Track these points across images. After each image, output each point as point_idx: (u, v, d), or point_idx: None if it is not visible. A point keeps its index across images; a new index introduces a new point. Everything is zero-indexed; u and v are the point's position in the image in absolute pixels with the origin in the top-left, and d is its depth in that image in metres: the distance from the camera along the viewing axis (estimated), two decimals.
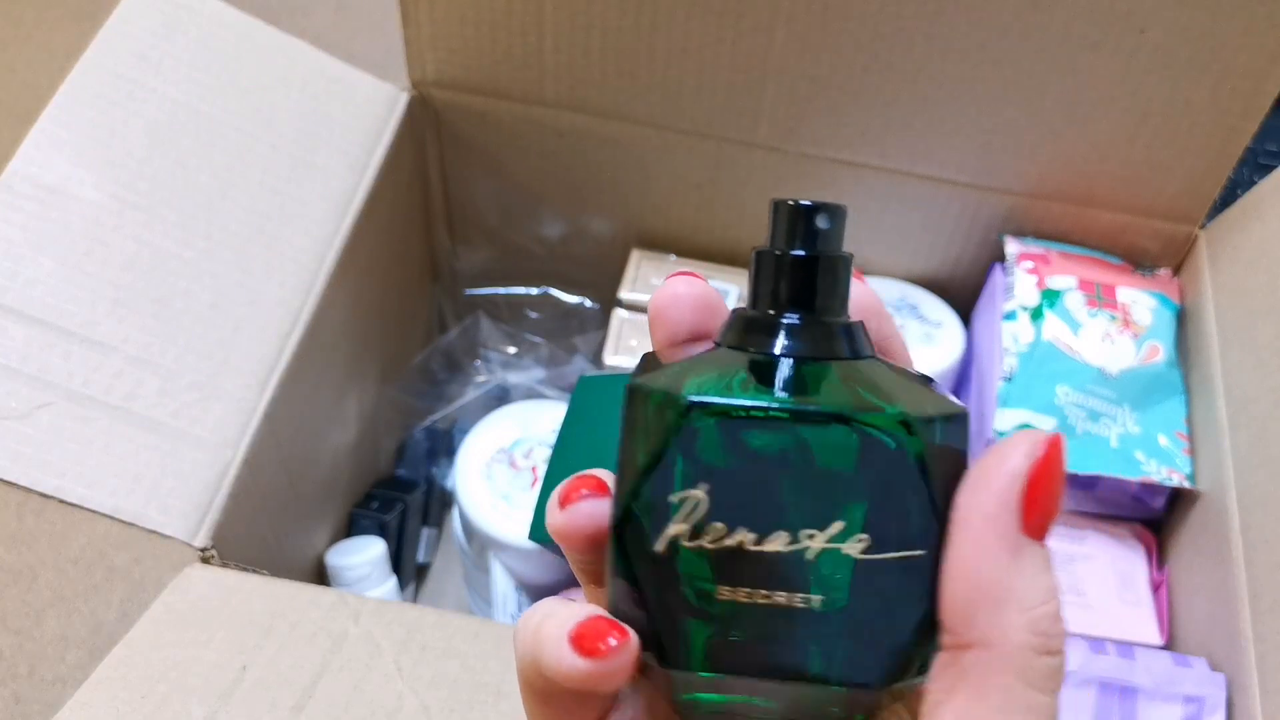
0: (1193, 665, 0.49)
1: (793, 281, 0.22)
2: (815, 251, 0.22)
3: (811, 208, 0.22)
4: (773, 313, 0.22)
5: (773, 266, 0.22)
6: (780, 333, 0.21)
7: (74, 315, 0.45)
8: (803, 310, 0.21)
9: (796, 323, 0.21)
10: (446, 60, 0.61)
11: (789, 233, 0.22)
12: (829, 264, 0.22)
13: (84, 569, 0.41)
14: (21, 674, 0.38)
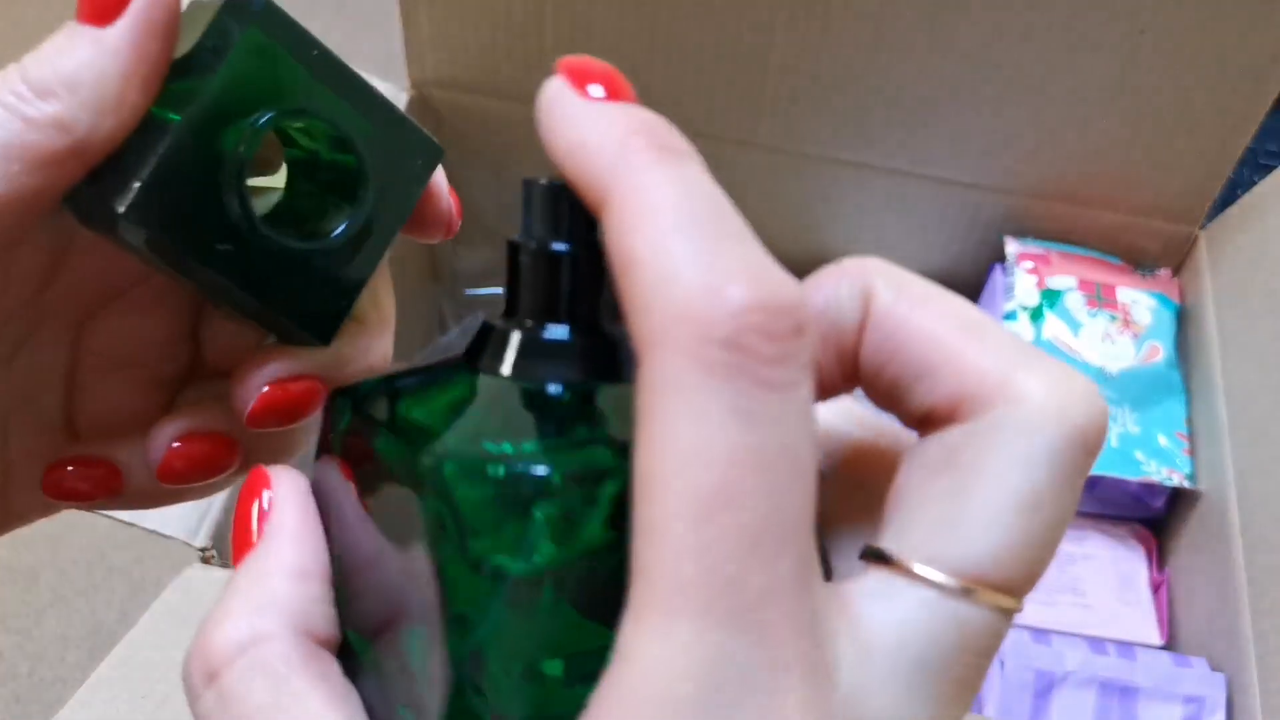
0: (1193, 665, 0.49)
1: (552, 282, 0.17)
2: (581, 243, 0.17)
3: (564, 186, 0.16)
4: (527, 322, 0.18)
5: (527, 262, 0.18)
6: (533, 350, 0.17)
7: None
8: (562, 318, 0.17)
9: (553, 338, 0.17)
10: (446, 60, 0.61)
11: (547, 219, 0.18)
12: (599, 257, 0.16)
13: (84, 569, 0.41)
14: (21, 674, 0.38)
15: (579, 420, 0.16)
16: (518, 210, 0.21)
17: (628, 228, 0.14)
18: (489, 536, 0.14)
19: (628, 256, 0.14)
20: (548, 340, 0.17)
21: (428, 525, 0.14)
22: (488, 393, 0.17)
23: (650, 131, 0.16)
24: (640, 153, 0.16)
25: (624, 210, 0.14)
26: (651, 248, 0.14)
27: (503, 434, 0.15)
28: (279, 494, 0.18)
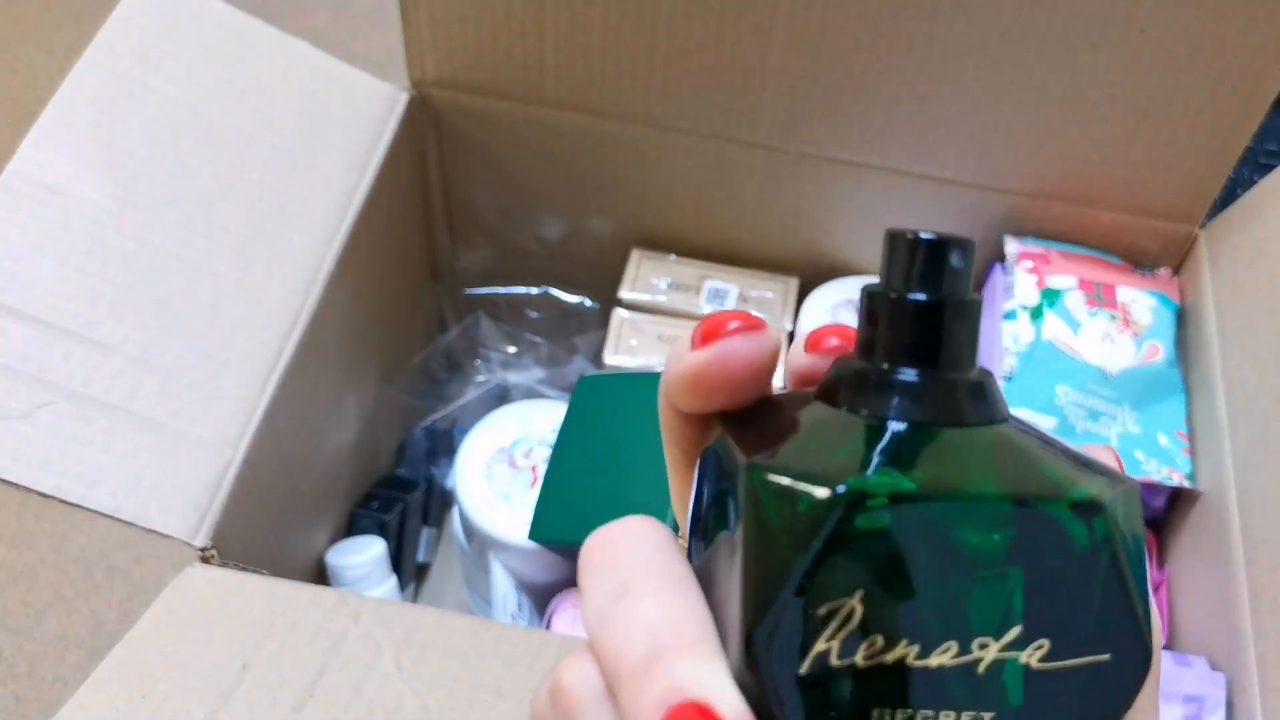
0: (1193, 665, 0.49)
1: (920, 331, 0.18)
2: (945, 295, 0.18)
3: (941, 243, 0.18)
4: (888, 367, 0.18)
5: (892, 311, 0.19)
6: (908, 393, 0.18)
7: (74, 315, 0.45)
8: (928, 365, 0.18)
9: (921, 381, 0.18)
10: (446, 60, 0.61)
11: (912, 272, 0.19)
12: (963, 309, 0.18)
13: (84, 569, 0.41)
14: (21, 674, 0.38)
15: (911, 456, 0.17)
16: (518, 210, 0.21)
17: None
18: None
19: None
20: (899, 381, 0.18)
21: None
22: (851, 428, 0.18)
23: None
24: None
25: None
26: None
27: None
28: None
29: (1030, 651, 0.16)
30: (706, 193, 0.65)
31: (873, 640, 0.16)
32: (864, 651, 0.16)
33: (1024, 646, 0.16)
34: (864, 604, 0.16)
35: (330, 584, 0.60)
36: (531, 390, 0.69)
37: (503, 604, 0.58)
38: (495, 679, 0.40)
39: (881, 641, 0.16)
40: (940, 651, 0.16)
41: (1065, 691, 0.16)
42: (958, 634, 0.16)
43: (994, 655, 0.16)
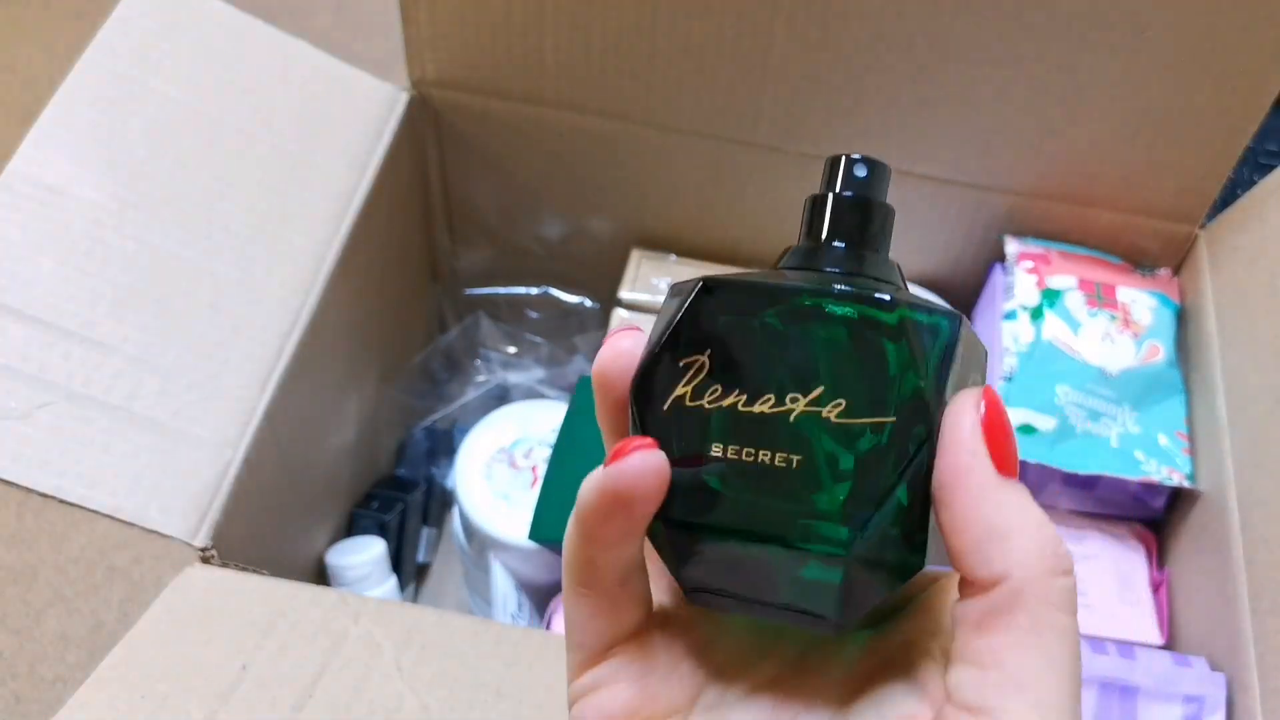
0: (1193, 665, 0.49)
1: (835, 216, 0.24)
2: (853, 193, 0.24)
3: (855, 159, 0.24)
4: (808, 243, 0.24)
5: (813, 205, 0.25)
6: (814, 255, 0.24)
7: (74, 315, 0.45)
8: (837, 240, 0.24)
9: (835, 248, 0.24)
10: (446, 60, 0.61)
11: (831, 179, 0.25)
12: (867, 205, 0.24)
13: (84, 569, 0.41)
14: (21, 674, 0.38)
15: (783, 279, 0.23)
16: (518, 210, 0.26)
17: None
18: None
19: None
20: (823, 249, 0.24)
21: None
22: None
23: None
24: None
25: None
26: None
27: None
28: None
29: (830, 408, 0.21)
30: (706, 193, 0.65)
31: (714, 388, 0.22)
32: (708, 397, 0.22)
33: (825, 404, 0.21)
34: (710, 360, 0.22)
35: (330, 584, 0.60)
36: (531, 390, 0.69)
37: (503, 604, 0.58)
38: (495, 679, 0.40)
39: (720, 389, 0.21)
40: (761, 401, 0.21)
41: (857, 444, 0.21)
42: (775, 389, 0.21)
43: (801, 409, 0.21)
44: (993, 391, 0.21)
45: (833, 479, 0.21)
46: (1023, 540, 0.20)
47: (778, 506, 0.21)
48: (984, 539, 0.20)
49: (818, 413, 0.21)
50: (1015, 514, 0.20)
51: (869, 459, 0.20)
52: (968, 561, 0.20)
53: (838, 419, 0.21)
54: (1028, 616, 0.19)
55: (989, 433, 0.20)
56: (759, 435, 0.21)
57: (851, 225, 0.24)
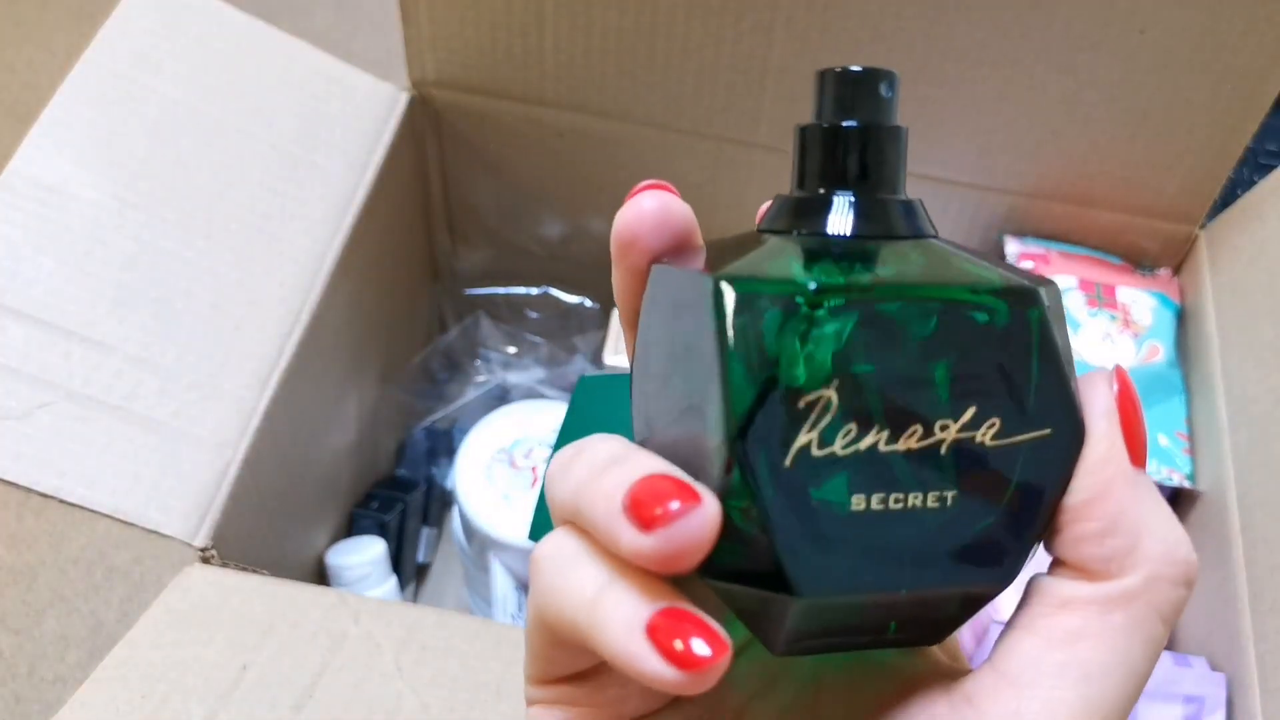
0: (1193, 665, 0.49)
1: (848, 155, 0.20)
2: (871, 120, 0.20)
3: (859, 73, 0.20)
4: (824, 191, 0.20)
5: (822, 140, 0.20)
6: (842, 211, 0.20)
7: (74, 315, 0.45)
8: (860, 186, 0.20)
9: (856, 200, 0.20)
10: (446, 60, 0.61)
11: (840, 102, 0.20)
12: (890, 133, 0.20)
13: (84, 569, 0.41)
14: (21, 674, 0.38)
15: (859, 262, 0.19)
16: (518, 210, 0.22)
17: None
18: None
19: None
20: (834, 201, 0.20)
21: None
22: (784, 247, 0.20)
23: None
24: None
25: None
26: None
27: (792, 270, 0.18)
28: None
29: (984, 430, 0.18)
30: (706, 193, 0.65)
31: (848, 429, 0.17)
32: (841, 441, 0.17)
33: (979, 426, 0.18)
34: (838, 394, 0.17)
35: (330, 584, 0.60)
36: (531, 390, 0.69)
37: (503, 604, 0.58)
38: (495, 679, 0.40)
39: (855, 429, 0.17)
40: (908, 436, 0.18)
41: (1017, 466, 0.18)
42: (921, 418, 0.18)
43: (954, 436, 0.18)
44: (1123, 371, 0.20)
45: (993, 508, 0.18)
46: (1153, 542, 0.18)
47: (935, 551, 0.18)
48: (1110, 532, 0.18)
49: (972, 438, 0.18)
50: (1148, 508, 0.18)
51: (1027, 479, 0.18)
52: (1086, 551, 0.18)
53: (994, 442, 0.18)
54: (1128, 618, 0.18)
55: (1124, 416, 0.19)
56: (909, 476, 0.18)
57: (892, 164, 0.20)
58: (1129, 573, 0.18)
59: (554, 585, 0.18)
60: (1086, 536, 0.18)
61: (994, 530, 0.18)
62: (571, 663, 0.20)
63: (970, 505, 0.18)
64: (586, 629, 0.17)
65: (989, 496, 0.18)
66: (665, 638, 0.16)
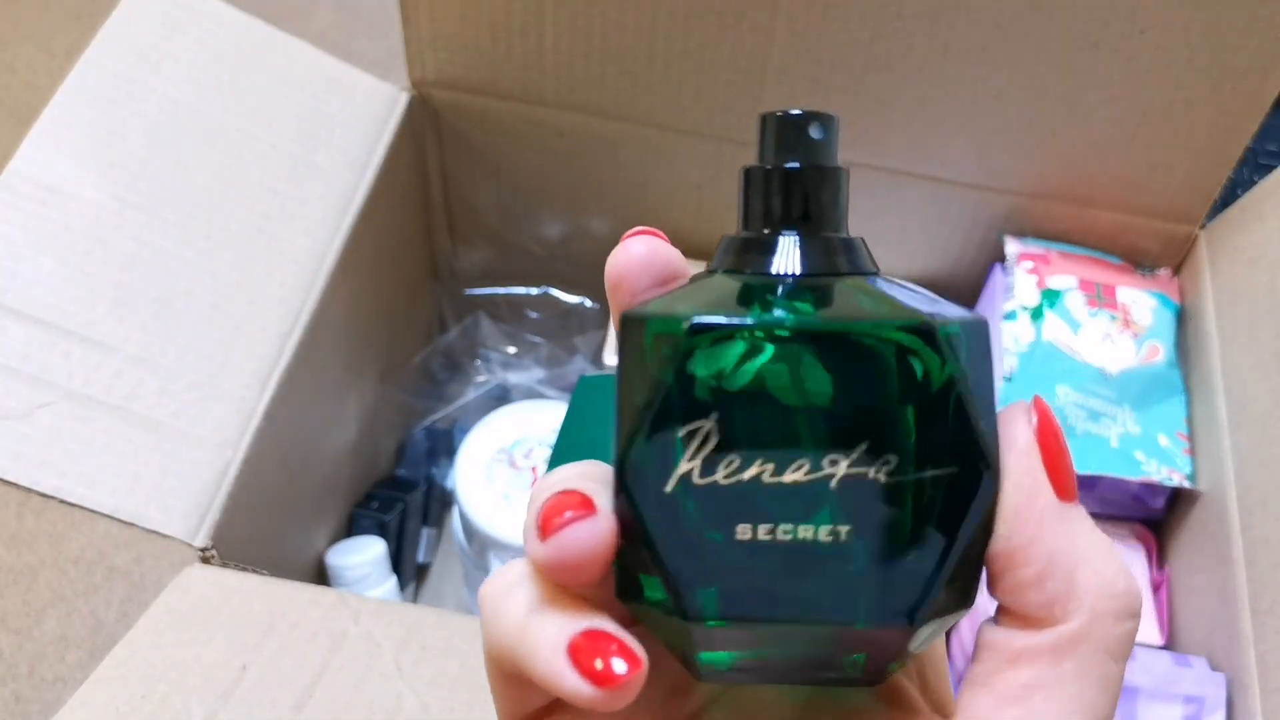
0: (1193, 665, 0.49)
1: (787, 195, 0.20)
2: (809, 162, 0.20)
3: (803, 116, 0.20)
4: (767, 231, 0.20)
5: (764, 182, 0.21)
6: (778, 250, 0.20)
7: (74, 315, 0.45)
8: (800, 226, 0.20)
9: (795, 238, 0.20)
10: (446, 60, 0.61)
11: (777, 145, 0.21)
12: (826, 175, 0.20)
13: (84, 569, 0.41)
14: (21, 674, 0.38)
15: (772, 298, 0.19)
16: (518, 210, 0.22)
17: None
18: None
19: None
20: (791, 242, 0.20)
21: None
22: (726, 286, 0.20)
23: None
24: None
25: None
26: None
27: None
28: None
29: (878, 467, 0.17)
30: (706, 193, 0.65)
31: (730, 460, 0.18)
32: (723, 471, 0.18)
33: (872, 463, 0.17)
34: (719, 426, 0.18)
35: (330, 584, 0.60)
36: (531, 390, 0.69)
37: None
38: None
39: (738, 460, 0.18)
40: (794, 469, 0.18)
41: (915, 505, 0.18)
42: (807, 452, 0.17)
43: (844, 471, 0.17)
44: (1043, 402, 0.19)
45: (892, 547, 0.18)
46: (1091, 579, 0.18)
47: (829, 586, 0.18)
48: (1046, 575, 0.18)
49: (864, 474, 0.17)
50: (1082, 546, 0.18)
51: (929, 518, 0.18)
52: (1024, 598, 0.18)
53: (889, 479, 0.17)
54: (1077, 664, 0.18)
55: (1045, 451, 0.18)
56: (795, 509, 0.18)
57: (825, 204, 0.20)
58: (1071, 616, 0.18)
59: (493, 616, 0.19)
60: (1023, 583, 0.18)
61: (893, 570, 0.18)
62: (528, 699, 0.20)
63: (866, 542, 0.18)
64: (518, 654, 0.18)
65: (887, 535, 0.18)
66: (586, 657, 0.17)
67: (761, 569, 0.18)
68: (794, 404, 0.18)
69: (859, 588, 0.18)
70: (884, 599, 0.18)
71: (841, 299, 0.19)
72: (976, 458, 0.18)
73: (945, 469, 0.18)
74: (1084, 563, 0.18)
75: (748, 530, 0.18)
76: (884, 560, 0.18)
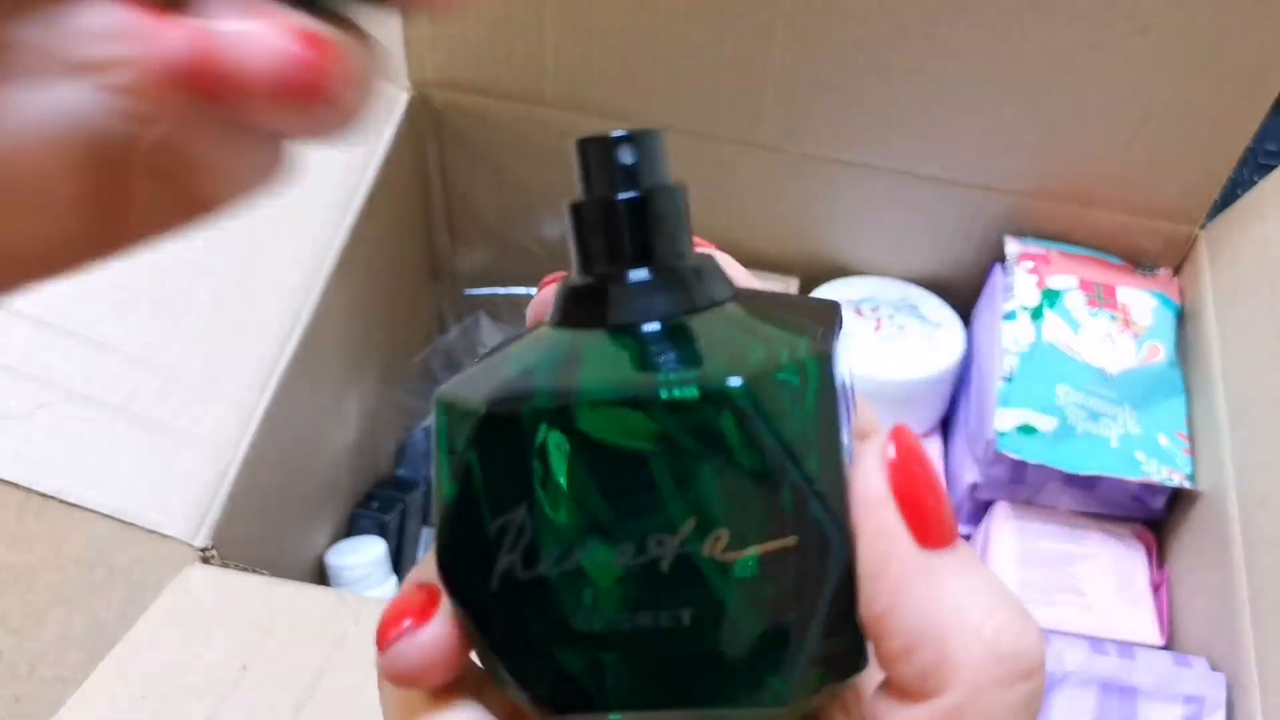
0: (1193, 665, 0.49)
1: (608, 231, 0.18)
2: (628, 190, 0.18)
3: (617, 139, 0.18)
4: (595, 272, 0.18)
5: (584, 218, 0.18)
6: (601, 299, 0.17)
7: (74, 315, 0.45)
8: (629, 263, 0.18)
9: (623, 281, 0.17)
10: (446, 60, 0.61)
11: (599, 174, 0.18)
12: (644, 201, 0.18)
13: (84, 569, 0.41)
14: (21, 674, 0.38)
15: (584, 361, 0.17)
16: (518, 210, 0.20)
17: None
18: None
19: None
20: (633, 283, 0.18)
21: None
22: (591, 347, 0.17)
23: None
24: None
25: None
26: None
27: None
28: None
29: (710, 543, 0.16)
30: (706, 193, 0.65)
31: (551, 549, 0.16)
32: (547, 561, 0.16)
33: (701, 539, 0.16)
34: (532, 515, 0.16)
35: (330, 584, 0.60)
36: None
37: None
38: None
39: (559, 549, 0.16)
40: (621, 554, 0.16)
41: (760, 580, 0.16)
42: (632, 534, 0.16)
43: (674, 551, 0.16)
44: (903, 431, 0.16)
45: (742, 626, 0.16)
46: (965, 642, 0.15)
47: (685, 670, 0.16)
48: (914, 646, 0.15)
49: (697, 551, 0.16)
50: (950, 606, 0.15)
51: (777, 593, 0.16)
52: (895, 670, 0.16)
53: (723, 555, 0.16)
54: None
55: (902, 493, 0.16)
56: (629, 595, 0.16)
57: (638, 237, 0.18)
58: (948, 687, 0.15)
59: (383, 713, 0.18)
60: (891, 655, 0.16)
61: (744, 650, 0.16)
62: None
63: (711, 623, 0.16)
64: None
65: (731, 614, 0.16)
66: (384, 629, 0.17)
67: (610, 658, 0.16)
68: (609, 483, 0.16)
69: (712, 672, 0.16)
70: (740, 683, 0.16)
71: (669, 350, 0.17)
72: (817, 523, 0.16)
73: (783, 539, 0.16)
74: (956, 626, 0.15)
75: (583, 620, 0.16)
76: (735, 642, 0.16)
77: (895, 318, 0.64)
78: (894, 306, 0.65)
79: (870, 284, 0.67)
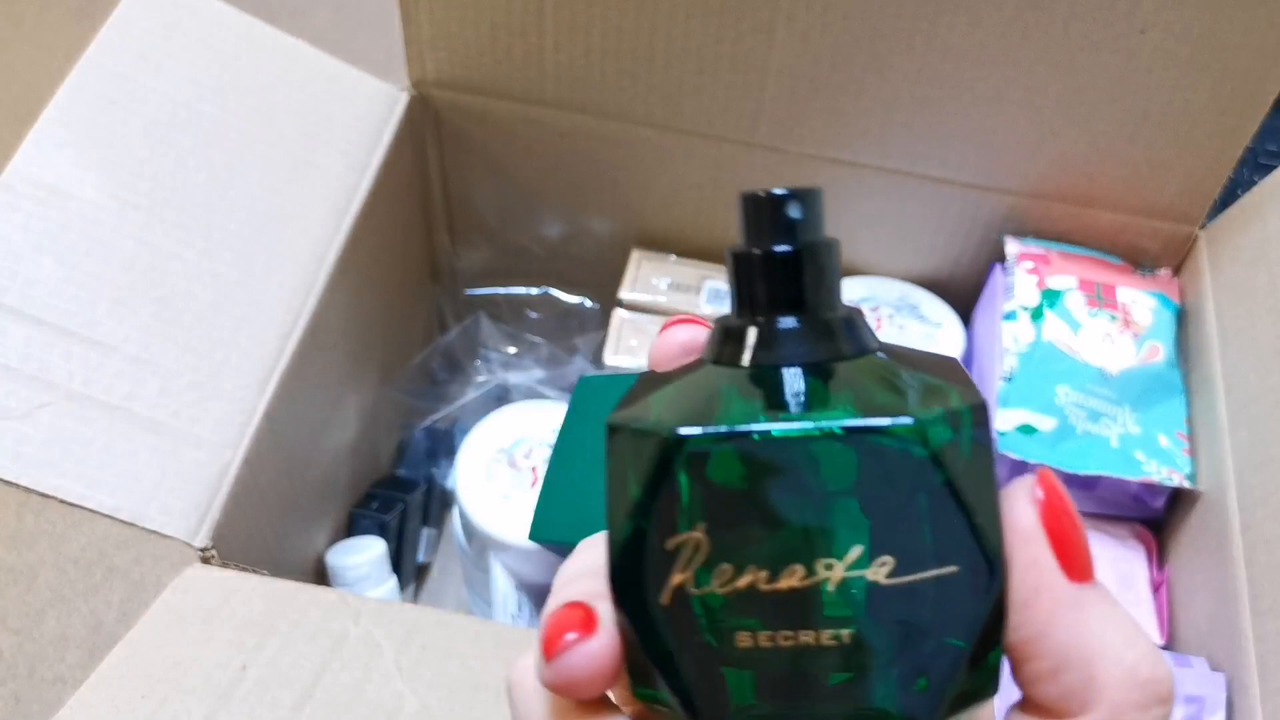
0: (1193, 665, 0.49)
1: (772, 281, 0.20)
2: (793, 244, 0.20)
3: (783, 196, 0.20)
4: (757, 318, 0.20)
5: (749, 267, 0.20)
6: (766, 340, 0.19)
7: (74, 315, 0.45)
8: (789, 310, 0.20)
9: (783, 327, 0.19)
10: (446, 60, 0.61)
11: (763, 227, 0.20)
12: (810, 255, 0.20)
13: (84, 569, 0.41)
14: (21, 674, 0.38)
15: (760, 396, 0.18)
16: (518, 210, 0.21)
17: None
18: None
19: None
20: (782, 330, 0.19)
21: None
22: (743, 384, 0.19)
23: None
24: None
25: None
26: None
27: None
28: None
29: (875, 569, 0.17)
30: (706, 193, 0.65)
31: (722, 569, 0.17)
32: (717, 581, 0.18)
33: (868, 564, 0.17)
34: (708, 536, 0.17)
35: (330, 584, 0.60)
36: (531, 390, 0.69)
37: (503, 604, 0.58)
38: (495, 680, 0.40)
39: (731, 569, 0.17)
40: (788, 575, 0.17)
41: (918, 605, 0.17)
42: (801, 557, 0.17)
43: (840, 575, 0.17)
44: (1049, 476, 0.18)
45: (895, 651, 0.17)
46: (1109, 667, 0.17)
47: (835, 691, 0.18)
48: (1061, 669, 0.17)
49: (861, 576, 0.17)
50: (1097, 633, 0.17)
51: (935, 618, 0.17)
52: (1041, 691, 0.17)
53: (888, 580, 0.17)
54: None
55: (1052, 530, 0.17)
56: (794, 615, 0.17)
57: (812, 285, 0.19)
58: (1091, 709, 0.17)
59: (518, 711, 0.19)
60: (1038, 676, 0.17)
61: (902, 669, 0.17)
62: None
63: (868, 645, 0.17)
64: None
65: (891, 636, 0.17)
66: (549, 641, 0.18)
67: (768, 675, 0.18)
68: (784, 509, 0.17)
69: (866, 691, 0.17)
70: (894, 702, 0.17)
71: (834, 390, 0.18)
72: (978, 554, 0.17)
73: (945, 568, 0.17)
74: (1101, 652, 0.17)
75: (749, 638, 0.18)
76: (890, 662, 0.17)
77: (895, 318, 0.64)
78: (894, 306, 0.65)
79: (870, 284, 0.67)
